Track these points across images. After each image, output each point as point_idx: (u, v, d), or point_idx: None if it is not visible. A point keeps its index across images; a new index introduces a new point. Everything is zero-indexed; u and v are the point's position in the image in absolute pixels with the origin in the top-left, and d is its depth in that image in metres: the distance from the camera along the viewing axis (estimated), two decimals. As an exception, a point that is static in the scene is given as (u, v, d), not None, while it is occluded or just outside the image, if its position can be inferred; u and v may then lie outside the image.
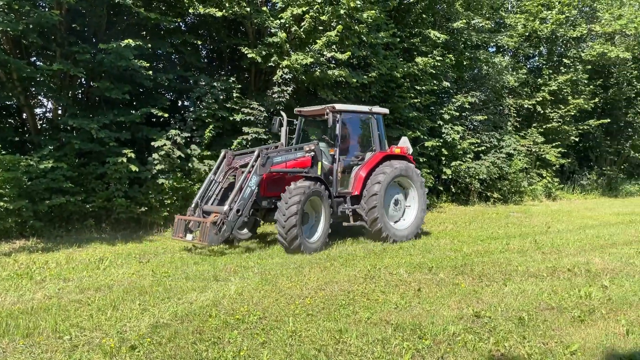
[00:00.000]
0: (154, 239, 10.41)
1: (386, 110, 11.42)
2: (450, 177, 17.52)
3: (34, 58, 11.39)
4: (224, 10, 11.66)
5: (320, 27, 12.60)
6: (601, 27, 21.22)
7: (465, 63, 18.39)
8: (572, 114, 21.42)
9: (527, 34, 20.99)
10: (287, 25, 12.28)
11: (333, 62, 13.40)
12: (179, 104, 13.64)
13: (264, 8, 12.33)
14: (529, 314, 5.48)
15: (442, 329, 4.98)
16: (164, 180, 11.05)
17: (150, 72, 10.89)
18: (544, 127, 21.33)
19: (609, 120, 22.89)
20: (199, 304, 5.69)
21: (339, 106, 9.97)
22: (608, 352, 4.53)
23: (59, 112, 11.42)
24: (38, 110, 12.03)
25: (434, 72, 15.99)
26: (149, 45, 11.07)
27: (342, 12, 12.05)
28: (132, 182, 11.05)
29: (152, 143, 11.11)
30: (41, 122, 11.84)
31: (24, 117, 11.30)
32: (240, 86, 12.71)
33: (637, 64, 23.42)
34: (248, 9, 11.92)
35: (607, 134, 24.43)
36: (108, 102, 11.15)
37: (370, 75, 13.65)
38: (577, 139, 22.43)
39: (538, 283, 6.81)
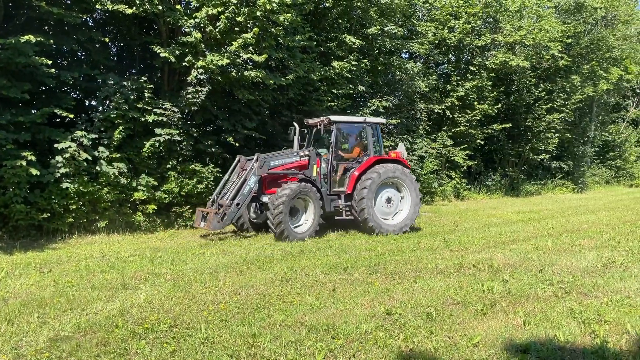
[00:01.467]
0: (57, 247, 9.79)
1: (382, 120, 13.07)
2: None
3: None
4: (134, 8, 11.19)
5: (237, 28, 12.45)
6: (503, 38, 22.60)
7: (379, 68, 18.91)
8: (478, 118, 22.56)
9: (437, 41, 21.89)
10: (202, 25, 12.02)
11: (250, 63, 13.29)
12: (86, 104, 12.90)
13: (178, 6, 11.98)
14: (437, 309, 5.73)
15: (354, 327, 5.08)
16: (68, 184, 10.41)
17: (53, 69, 10.24)
18: (452, 130, 22.32)
19: (510, 124, 24.43)
20: (104, 314, 5.42)
21: (334, 117, 11.67)
22: (507, 342, 4.83)
23: (-53, 110, 10.43)
24: None
25: (350, 76, 16.30)
26: (52, 41, 10.41)
27: (258, 13, 11.97)
28: (33, 187, 10.30)
29: (56, 145, 10.43)
30: None
31: None
32: (152, 86, 12.24)
33: (535, 73, 25.19)
34: (160, 7, 11.53)
35: (509, 138, 25.96)
36: (5, 101, 10.31)
37: (287, 77, 13.68)
38: (482, 142, 23.62)
39: (445, 279, 7.14)
